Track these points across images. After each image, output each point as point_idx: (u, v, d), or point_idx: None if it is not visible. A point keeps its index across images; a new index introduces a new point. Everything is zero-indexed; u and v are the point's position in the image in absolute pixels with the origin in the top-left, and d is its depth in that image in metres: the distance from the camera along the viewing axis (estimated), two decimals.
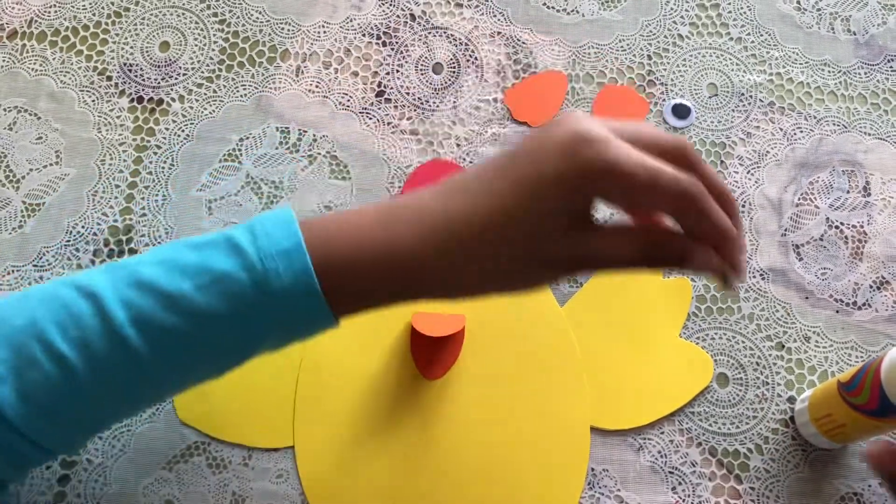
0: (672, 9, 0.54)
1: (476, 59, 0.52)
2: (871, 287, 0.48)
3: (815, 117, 0.51)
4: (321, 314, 0.33)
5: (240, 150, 0.50)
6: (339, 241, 0.33)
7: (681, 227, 0.33)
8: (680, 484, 0.44)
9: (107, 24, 0.52)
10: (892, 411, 0.38)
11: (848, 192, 0.50)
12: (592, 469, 0.44)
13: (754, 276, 0.48)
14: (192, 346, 0.33)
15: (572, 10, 0.53)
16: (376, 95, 0.51)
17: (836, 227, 0.49)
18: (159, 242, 0.48)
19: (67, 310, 0.33)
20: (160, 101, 0.51)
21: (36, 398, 0.32)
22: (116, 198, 0.49)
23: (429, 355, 0.45)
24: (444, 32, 0.53)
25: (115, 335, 0.33)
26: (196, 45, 0.52)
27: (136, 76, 0.51)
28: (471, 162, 0.50)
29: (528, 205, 0.32)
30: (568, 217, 0.32)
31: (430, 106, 0.51)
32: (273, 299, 0.33)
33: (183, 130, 0.50)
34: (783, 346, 0.47)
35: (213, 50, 0.52)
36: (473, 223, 0.33)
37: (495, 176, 0.34)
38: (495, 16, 0.53)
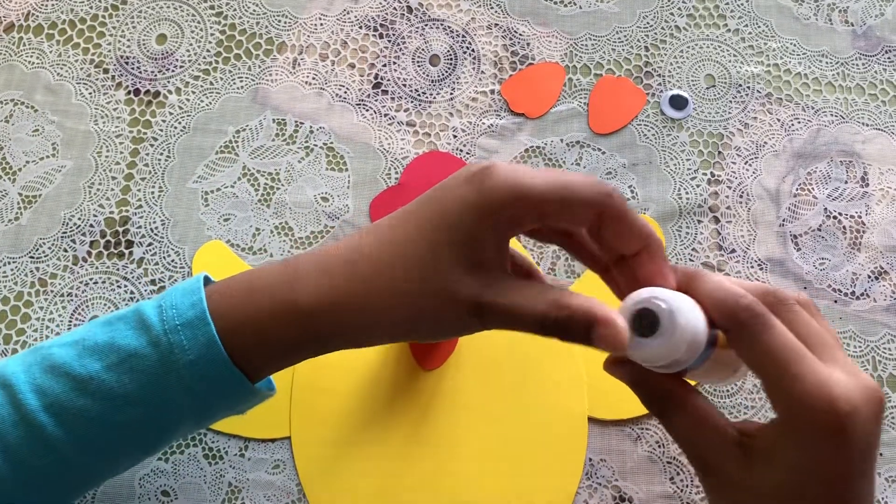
0: (669, 0, 0.54)
1: (473, 50, 0.52)
2: (869, 277, 0.48)
3: (812, 108, 0.51)
4: (235, 382, 0.33)
5: (236, 141, 0.50)
6: (244, 304, 0.33)
7: (602, 241, 0.33)
8: (678, 474, 0.44)
9: (103, 17, 0.52)
10: None
11: (846, 182, 0.50)
12: (590, 459, 0.44)
13: (752, 267, 0.48)
14: (109, 428, 0.32)
15: (569, 2, 0.53)
16: (373, 87, 0.51)
17: (834, 218, 0.49)
18: (156, 234, 0.48)
19: None
20: (157, 94, 0.51)
21: None
22: (113, 189, 0.49)
23: (426, 346, 0.45)
24: (441, 24, 0.53)
25: (30, 423, 0.32)
26: (193, 38, 0.52)
27: (132, 69, 0.51)
28: (468, 153, 0.50)
29: (427, 233, 0.32)
30: (472, 251, 0.31)
31: (426, 98, 0.51)
32: (180, 373, 0.32)
33: (179, 122, 0.50)
34: None
35: (210, 42, 0.52)
36: (371, 256, 0.32)
37: (402, 214, 0.33)
38: (492, 7, 0.53)
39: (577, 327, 0.31)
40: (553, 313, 0.31)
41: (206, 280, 0.35)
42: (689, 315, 0.32)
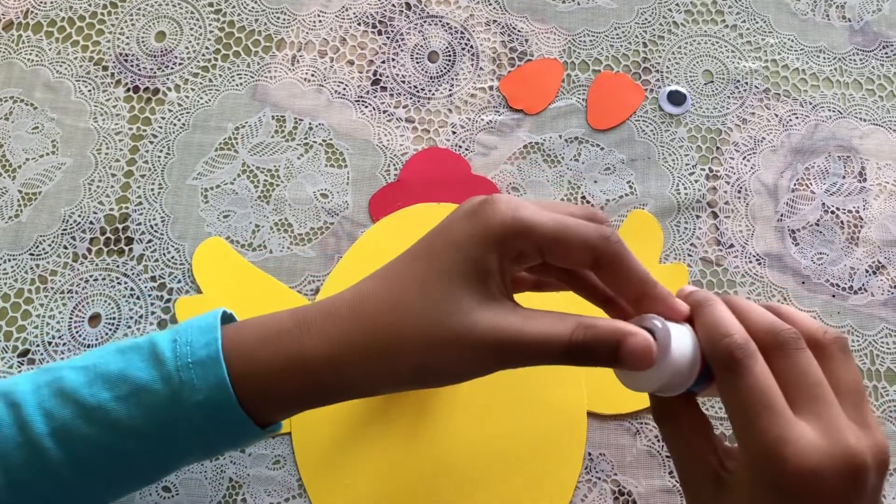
0: None
1: (471, 47, 0.52)
2: (866, 271, 0.48)
3: (810, 103, 0.52)
4: (242, 425, 0.33)
5: (235, 138, 0.50)
6: (255, 351, 0.33)
7: (599, 282, 0.33)
8: None
9: (102, 14, 0.52)
10: None
11: (844, 177, 0.50)
12: (589, 454, 0.44)
13: (751, 262, 0.48)
14: (113, 458, 0.32)
15: None
16: (372, 84, 0.51)
17: (832, 213, 0.49)
18: (155, 230, 0.48)
19: None
20: (156, 91, 0.51)
21: None
22: (112, 187, 0.49)
23: None
24: (440, 21, 0.53)
25: (34, 446, 0.32)
26: (192, 35, 0.52)
27: (132, 66, 0.51)
28: (467, 149, 0.50)
29: (436, 269, 0.31)
30: (482, 282, 0.31)
31: (425, 94, 0.51)
32: (188, 412, 0.32)
33: (179, 120, 0.50)
34: None
35: (209, 39, 0.52)
36: (378, 300, 0.32)
37: (407, 255, 0.33)
38: (490, 4, 0.53)
39: (605, 344, 0.31)
40: (580, 335, 0.30)
41: (223, 314, 0.35)
42: (678, 345, 0.32)
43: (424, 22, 0.53)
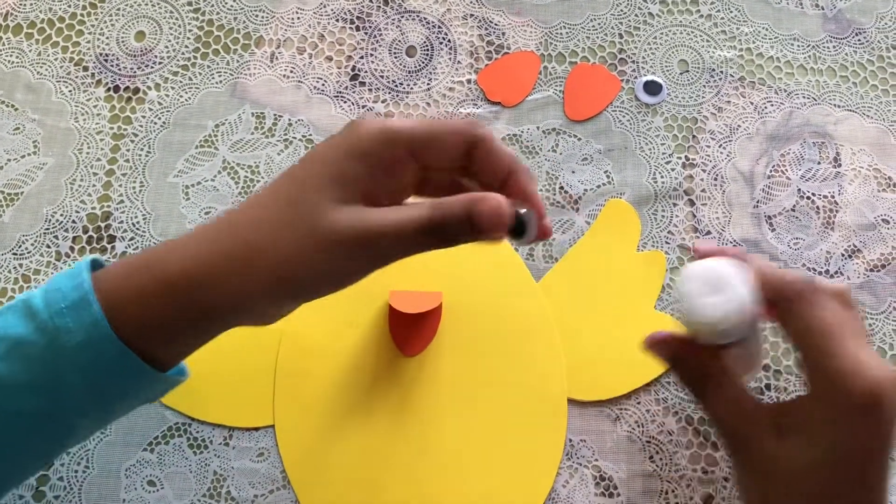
0: None
1: (449, 41, 0.53)
2: (842, 255, 0.49)
3: (785, 91, 0.52)
4: (126, 361, 0.32)
5: (216, 135, 0.50)
6: (126, 281, 0.32)
7: (470, 175, 0.35)
8: (657, 453, 0.45)
9: (82, 15, 0.53)
10: None
11: (819, 163, 0.51)
12: (570, 440, 0.45)
13: None
14: (5, 419, 0.32)
15: None
16: (351, 79, 0.52)
17: (808, 198, 0.50)
18: (137, 228, 0.48)
19: None
20: (136, 90, 0.51)
21: None
22: (94, 185, 0.49)
23: (407, 332, 0.46)
24: (417, 16, 0.53)
25: None
26: (171, 34, 0.52)
27: (112, 66, 0.52)
28: None
29: (296, 180, 0.32)
30: (339, 187, 0.32)
31: (404, 88, 0.52)
32: (70, 357, 0.31)
33: (159, 118, 0.51)
34: None
35: (188, 38, 0.52)
36: (242, 214, 0.32)
37: (280, 173, 0.34)
38: None
39: (459, 216, 0.31)
40: (436, 213, 0.31)
41: (98, 263, 0.35)
42: (749, 280, 0.35)
43: (402, 17, 0.53)
